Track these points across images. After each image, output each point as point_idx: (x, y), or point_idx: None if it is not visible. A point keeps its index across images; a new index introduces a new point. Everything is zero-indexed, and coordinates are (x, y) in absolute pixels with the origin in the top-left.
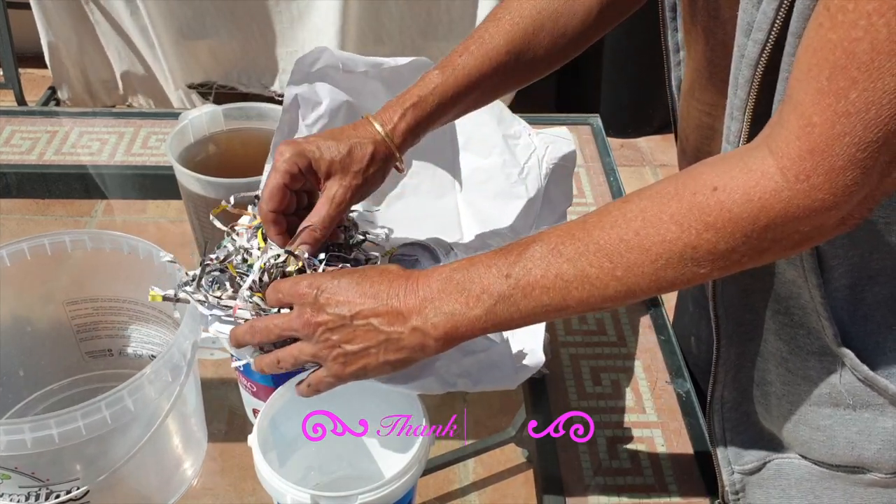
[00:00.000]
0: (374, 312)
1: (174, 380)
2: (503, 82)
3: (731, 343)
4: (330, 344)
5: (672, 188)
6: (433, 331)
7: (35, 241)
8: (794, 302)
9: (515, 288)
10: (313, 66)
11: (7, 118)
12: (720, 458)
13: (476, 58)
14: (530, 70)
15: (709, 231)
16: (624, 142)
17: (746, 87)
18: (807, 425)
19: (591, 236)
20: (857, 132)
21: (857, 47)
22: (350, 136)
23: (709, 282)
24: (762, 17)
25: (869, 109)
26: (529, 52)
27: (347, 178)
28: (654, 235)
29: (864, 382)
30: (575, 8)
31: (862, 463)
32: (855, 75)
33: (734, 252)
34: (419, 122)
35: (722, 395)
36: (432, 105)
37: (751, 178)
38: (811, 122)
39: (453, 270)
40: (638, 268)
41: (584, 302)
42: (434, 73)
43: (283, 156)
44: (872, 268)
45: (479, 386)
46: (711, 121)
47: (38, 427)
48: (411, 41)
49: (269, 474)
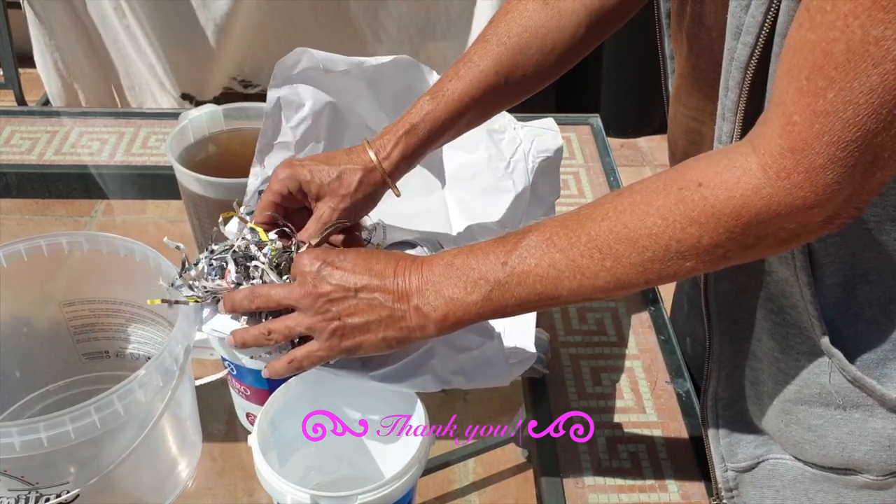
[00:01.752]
0: (381, 288)
1: (166, 384)
2: (495, 103)
3: (725, 340)
4: (330, 316)
5: (661, 183)
6: (433, 313)
7: (31, 243)
8: (786, 301)
9: (511, 275)
10: (294, 69)
11: (7, 118)
12: (714, 454)
13: (465, 82)
14: (521, 89)
15: (693, 226)
16: (624, 142)
17: (737, 88)
18: (798, 425)
19: (584, 228)
20: (835, 131)
21: (833, 48)
22: (343, 162)
23: (701, 277)
24: (751, 20)
25: (846, 108)
26: (518, 72)
27: (335, 200)
28: (642, 228)
29: (852, 383)
30: (562, 24)
31: (853, 464)
32: (832, 75)
33: (718, 247)
34: (413, 149)
35: (716, 391)
36: (424, 132)
37: (733, 175)
38: (792, 120)
39: (454, 256)
40: (626, 259)
41: (576, 291)
42: (425, 99)
43: (277, 177)
44: (863, 266)
45: (473, 383)
46: (698, 125)
47: (27, 430)
48: (409, 40)
49: (269, 474)
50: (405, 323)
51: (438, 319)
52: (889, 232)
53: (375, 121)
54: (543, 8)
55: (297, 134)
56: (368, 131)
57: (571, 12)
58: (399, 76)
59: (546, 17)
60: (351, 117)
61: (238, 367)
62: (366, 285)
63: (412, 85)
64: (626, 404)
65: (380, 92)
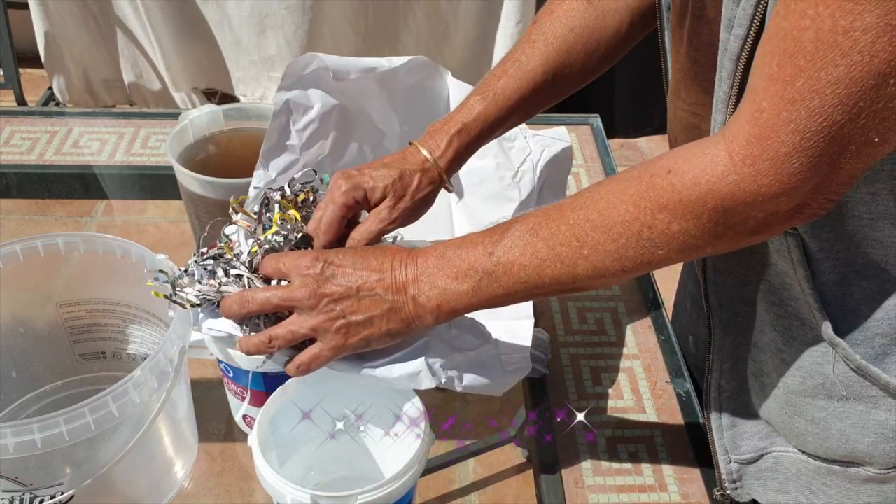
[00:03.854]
0: (380, 283)
1: (161, 385)
2: (541, 101)
3: (727, 333)
4: (334, 315)
5: (636, 172)
6: (427, 303)
7: (28, 243)
8: (787, 293)
9: (497, 265)
10: (304, 71)
11: (7, 118)
12: (718, 446)
13: (515, 80)
14: (566, 87)
15: (662, 212)
16: (624, 142)
17: (729, 80)
18: (802, 417)
19: (563, 217)
20: (801, 119)
21: (803, 36)
22: (399, 163)
23: (700, 271)
24: (742, 13)
25: (813, 98)
26: (566, 70)
27: (396, 200)
28: (616, 216)
29: (856, 372)
30: (606, 23)
31: (856, 457)
32: (801, 63)
33: (686, 233)
34: (465, 147)
35: (720, 384)
36: (476, 131)
37: (701, 162)
38: (760, 107)
39: (446, 248)
40: (601, 246)
41: (557, 280)
42: (475, 98)
43: (339, 189)
44: (859, 262)
45: (466, 386)
46: (698, 121)
47: (21, 431)
48: (424, 46)
49: (269, 474)
50: (405, 314)
51: (433, 309)
52: (882, 229)
53: (385, 121)
54: (588, 8)
55: (303, 137)
56: (377, 131)
57: (615, 11)
58: (412, 75)
59: (591, 16)
60: (359, 117)
61: (235, 370)
62: (366, 282)
63: (425, 84)
64: (626, 404)
65: (391, 91)
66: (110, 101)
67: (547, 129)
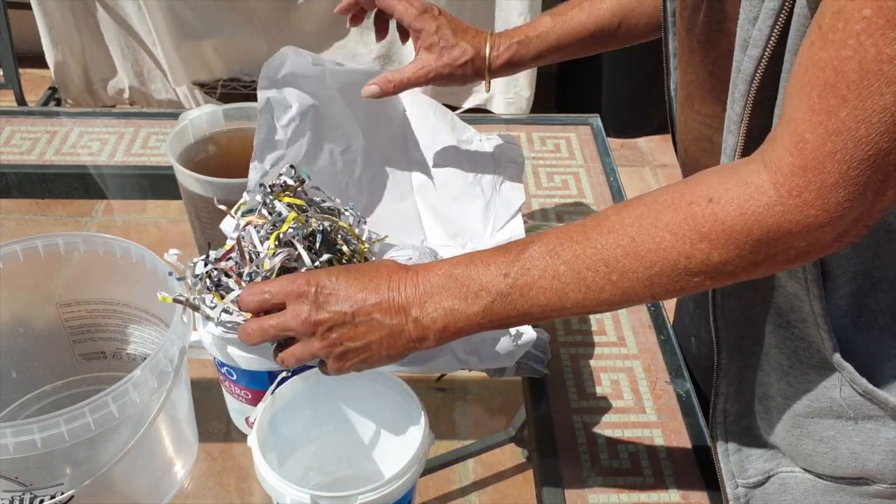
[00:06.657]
0: (376, 307)
1: (160, 385)
2: (598, 44)
3: (733, 355)
4: (330, 342)
5: (669, 197)
6: (432, 325)
7: (28, 243)
8: (795, 315)
9: (513, 287)
10: (279, 73)
11: (7, 118)
12: (724, 471)
13: (586, 13)
14: (627, 37)
15: (703, 242)
16: (624, 142)
17: (742, 101)
18: (809, 438)
19: (589, 240)
20: (847, 150)
21: (846, 66)
22: (465, 37)
23: (709, 292)
24: (758, 33)
25: (858, 127)
26: (633, 19)
27: (438, 61)
28: (650, 243)
29: (863, 396)
30: None
31: (866, 474)
32: (845, 94)
33: (728, 264)
34: (519, 58)
35: (725, 408)
36: (534, 48)
37: (745, 192)
38: (803, 138)
39: (453, 266)
40: (633, 273)
41: (580, 304)
42: (546, 18)
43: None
44: (875, 275)
45: (485, 363)
46: (711, 133)
47: (21, 432)
48: None
49: (268, 474)
50: (405, 337)
51: (438, 330)
52: None
53: (349, 128)
54: None
55: (287, 132)
56: (344, 137)
57: None
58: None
59: None
60: (330, 120)
61: (236, 371)
62: (361, 307)
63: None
64: (626, 404)
65: (350, 99)
66: (110, 102)
67: (495, 134)
